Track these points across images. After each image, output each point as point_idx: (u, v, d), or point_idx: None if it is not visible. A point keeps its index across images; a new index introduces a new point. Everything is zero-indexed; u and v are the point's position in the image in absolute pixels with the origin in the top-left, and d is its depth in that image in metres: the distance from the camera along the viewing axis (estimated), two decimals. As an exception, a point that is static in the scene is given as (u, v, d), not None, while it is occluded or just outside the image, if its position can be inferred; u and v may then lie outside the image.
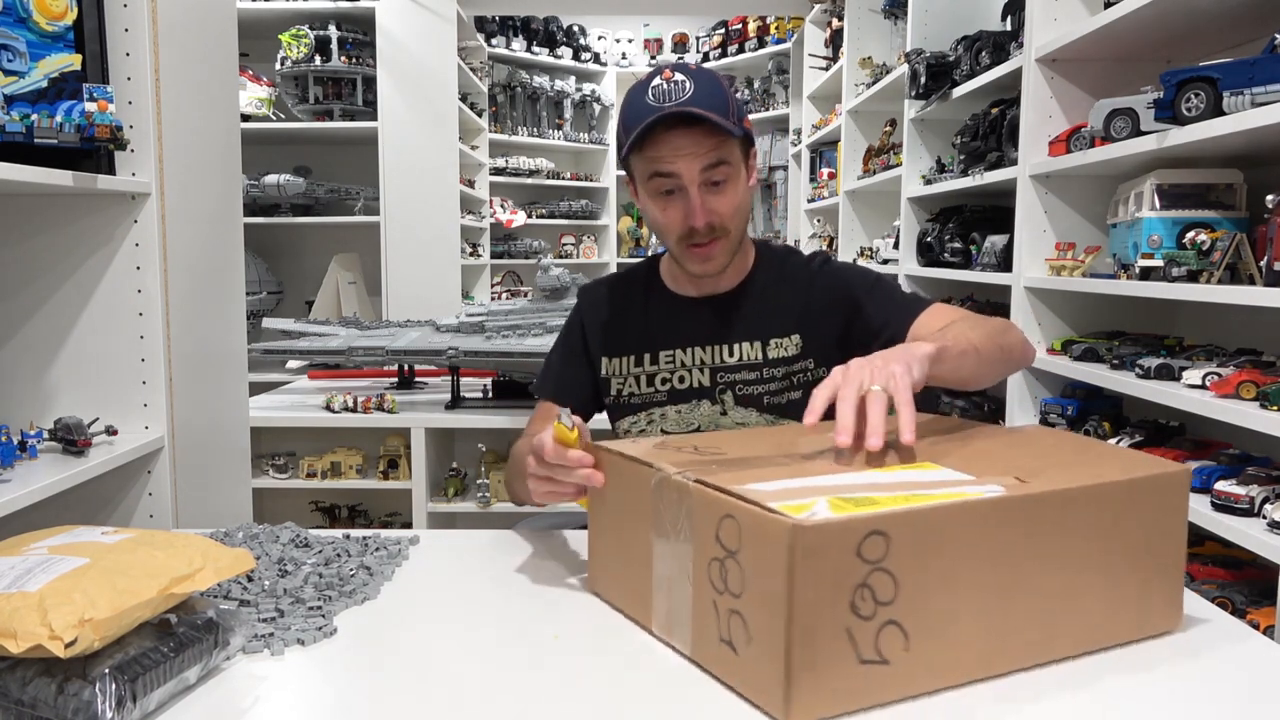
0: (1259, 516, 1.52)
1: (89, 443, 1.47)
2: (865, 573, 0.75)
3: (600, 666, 0.88)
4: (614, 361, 1.43)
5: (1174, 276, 1.74)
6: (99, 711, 0.73)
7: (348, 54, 3.99)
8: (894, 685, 0.78)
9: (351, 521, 2.76)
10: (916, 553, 0.77)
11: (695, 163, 1.26)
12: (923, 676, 0.79)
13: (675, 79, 1.26)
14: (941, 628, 0.79)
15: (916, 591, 0.77)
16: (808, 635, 0.73)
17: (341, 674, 0.89)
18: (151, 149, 1.58)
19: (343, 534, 1.24)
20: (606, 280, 1.55)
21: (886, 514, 0.75)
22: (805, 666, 0.74)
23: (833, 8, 4.62)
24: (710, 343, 1.39)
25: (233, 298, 1.95)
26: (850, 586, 0.74)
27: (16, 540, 0.91)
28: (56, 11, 1.42)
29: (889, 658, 0.77)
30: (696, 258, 1.33)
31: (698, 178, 1.27)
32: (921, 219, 3.32)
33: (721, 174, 1.28)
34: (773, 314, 1.38)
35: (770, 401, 1.37)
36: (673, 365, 1.40)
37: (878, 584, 0.75)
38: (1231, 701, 0.82)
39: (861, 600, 0.75)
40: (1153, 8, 1.80)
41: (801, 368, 1.37)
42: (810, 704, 0.75)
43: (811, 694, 0.74)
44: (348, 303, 3.87)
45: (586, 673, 0.87)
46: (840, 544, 0.74)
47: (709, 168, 1.27)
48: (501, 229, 5.86)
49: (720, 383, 1.38)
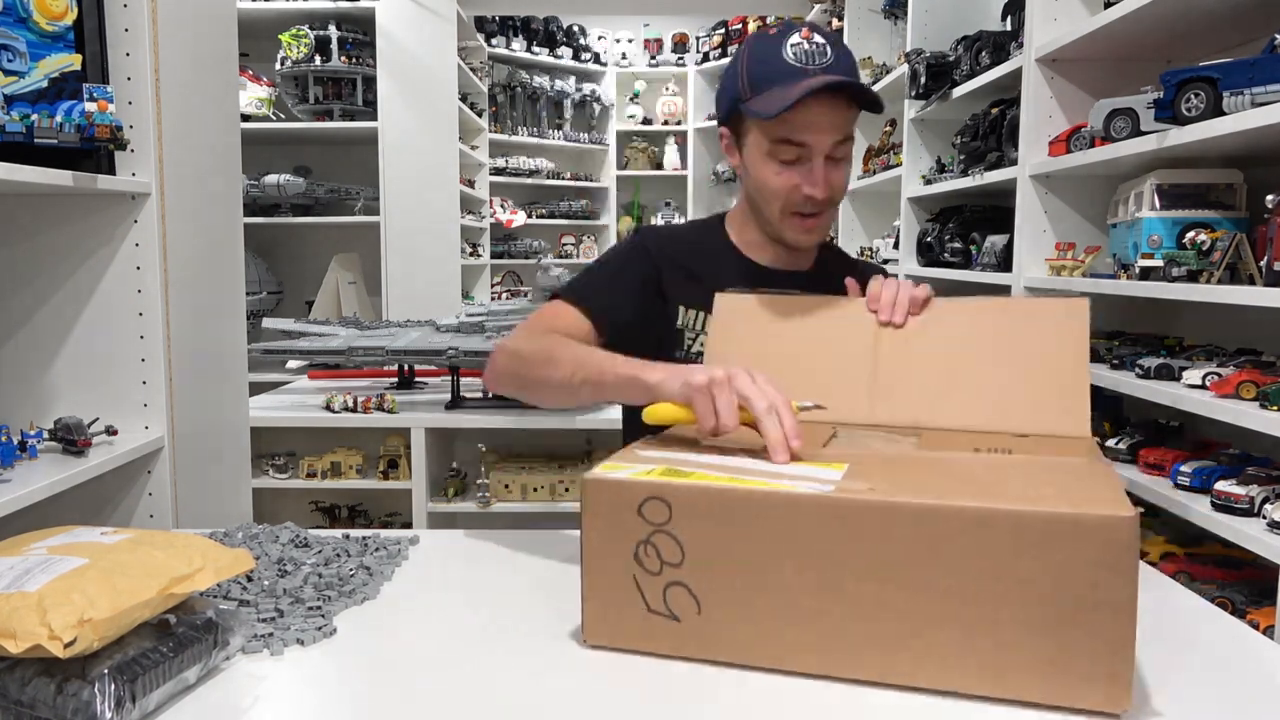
0: (1259, 516, 1.51)
1: (89, 443, 1.47)
2: (648, 532, 0.85)
3: (601, 666, 0.88)
4: (691, 314, 1.35)
5: (1174, 276, 1.74)
6: (98, 712, 0.73)
7: (348, 54, 3.99)
8: (690, 642, 0.86)
9: (351, 521, 2.76)
10: (701, 525, 0.83)
11: (831, 135, 1.22)
12: (726, 645, 0.85)
13: (815, 40, 1.21)
14: (738, 605, 0.83)
15: (703, 561, 0.84)
16: (595, 572, 0.88)
17: (341, 674, 0.89)
18: (151, 149, 1.58)
19: (342, 534, 1.24)
20: (668, 227, 1.48)
21: (666, 483, 0.85)
22: (595, 597, 0.89)
23: (833, 8, 4.62)
24: None
25: (233, 298, 1.95)
26: (633, 540, 0.86)
27: (16, 540, 0.91)
28: (56, 11, 1.42)
29: (679, 615, 0.85)
30: (801, 228, 1.29)
31: (827, 150, 1.23)
32: (921, 219, 3.32)
33: (845, 150, 1.26)
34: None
35: None
36: None
37: (663, 545, 0.85)
38: (1231, 702, 0.82)
39: (646, 555, 0.85)
40: (1153, 8, 1.80)
41: None
42: (599, 630, 0.89)
43: (601, 622, 0.89)
44: (348, 303, 3.87)
45: (586, 673, 0.87)
46: (620, 500, 0.86)
47: (839, 143, 1.24)
48: (501, 229, 5.86)
49: None
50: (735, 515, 0.83)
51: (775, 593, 0.82)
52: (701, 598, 0.84)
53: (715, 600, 0.84)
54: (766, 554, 0.82)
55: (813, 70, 1.20)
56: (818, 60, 1.20)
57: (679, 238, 1.44)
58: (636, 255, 1.39)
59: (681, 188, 6.46)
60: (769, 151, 1.26)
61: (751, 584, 0.83)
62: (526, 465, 2.65)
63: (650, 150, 6.52)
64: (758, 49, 1.24)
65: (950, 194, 2.99)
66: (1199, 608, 1.04)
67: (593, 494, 0.88)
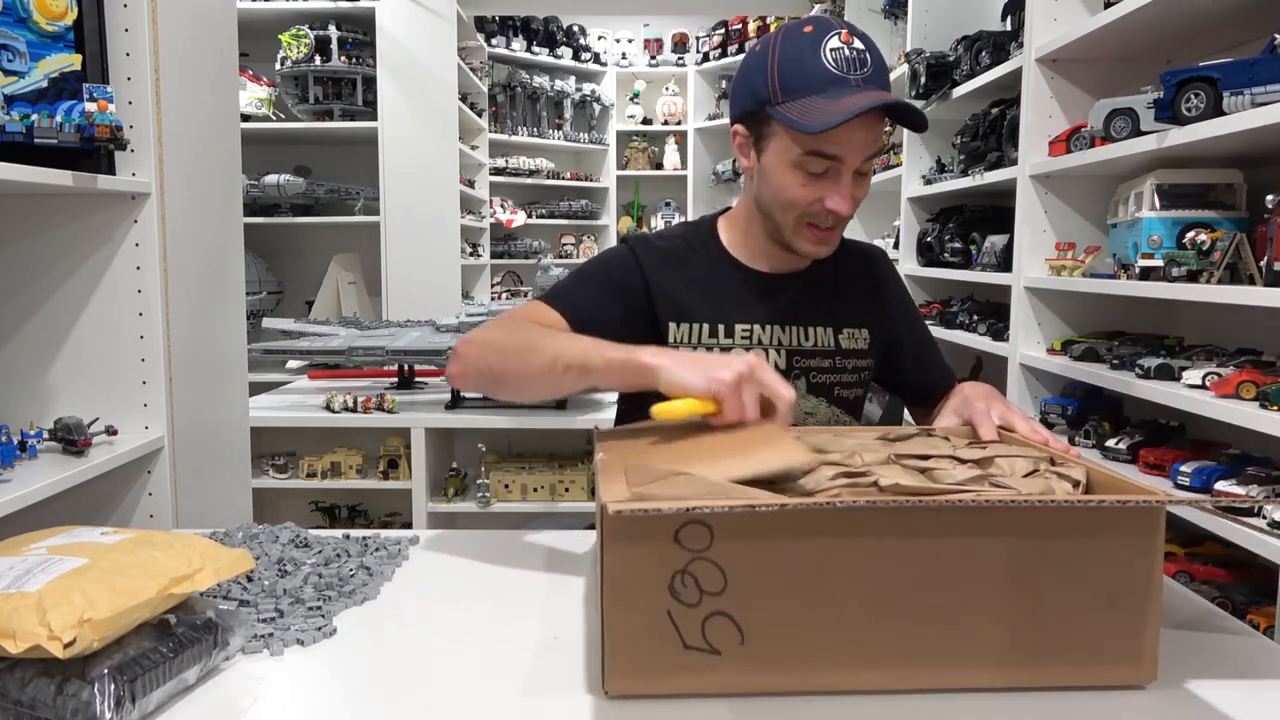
0: (1259, 516, 1.52)
1: (89, 443, 1.47)
2: (686, 560, 0.77)
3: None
4: (684, 328, 1.30)
5: (1174, 276, 1.74)
6: (98, 712, 0.73)
7: (348, 54, 3.99)
8: (731, 677, 0.79)
9: (351, 521, 2.76)
10: (747, 546, 0.77)
11: (866, 151, 1.18)
12: (771, 674, 0.79)
13: (855, 47, 1.15)
14: (785, 628, 0.79)
15: (747, 586, 0.78)
16: (620, 613, 0.78)
17: (341, 674, 0.89)
18: (151, 149, 1.58)
19: (343, 534, 1.24)
20: (658, 238, 1.38)
21: (707, 505, 0.75)
22: (619, 641, 0.78)
23: (832, 8, 4.62)
24: (786, 322, 1.31)
25: (233, 298, 1.95)
26: (668, 571, 0.77)
27: (16, 540, 0.91)
28: (56, 11, 1.42)
29: (720, 648, 0.78)
30: (816, 239, 1.25)
31: (858, 165, 1.19)
32: (921, 219, 3.32)
33: (872, 164, 1.22)
34: (846, 303, 1.35)
35: (840, 394, 1.32)
36: (749, 341, 1.30)
37: (702, 573, 0.77)
38: (1232, 702, 0.82)
39: (683, 586, 0.77)
40: (1153, 8, 1.80)
41: (867, 364, 1.34)
42: (624, 679, 0.79)
43: (627, 670, 0.79)
44: (348, 303, 3.87)
45: (586, 673, 0.87)
46: (654, 529, 0.76)
47: (869, 158, 1.20)
48: (501, 229, 5.86)
49: (796, 367, 1.30)
50: (785, 531, 0.78)
51: (825, 610, 0.79)
52: (745, 625, 0.78)
53: (761, 627, 0.78)
54: (817, 570, 0.78)
55: (854, 79, 1.14)
56: (858, 69, 1.14)
57: (670, 249, 1.36)
58: (624, 266, 1.33)
59: (681, 188, 6.45)
60: (796, 162, 1.19)
61: (801, 603, 0.78)
62: (526, 465, 2.65)
63: (650, 150, 6.53)
64: (791, 49, 1.17)
65: (950, 194, 2.99)
66: (1199, 608, 1.04)
67: (619, 526, 0.77)
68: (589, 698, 0.82)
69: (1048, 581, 0.79)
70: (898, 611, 0.79)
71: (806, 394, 1.31)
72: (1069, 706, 0.79)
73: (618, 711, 0.79)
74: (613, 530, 0.77)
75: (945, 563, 0.79)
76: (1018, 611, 0.79)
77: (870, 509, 0.78)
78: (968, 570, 0.79)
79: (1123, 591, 0.79)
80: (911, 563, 0.79)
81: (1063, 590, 0.79)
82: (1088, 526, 0.79)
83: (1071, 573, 0.79)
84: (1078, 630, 0.80)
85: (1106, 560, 0.79)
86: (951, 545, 0.79)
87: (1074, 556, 0.79)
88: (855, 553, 0.78)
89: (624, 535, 0.77)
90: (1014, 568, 0.79)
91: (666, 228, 1.46)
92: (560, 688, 0.84)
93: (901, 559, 0.79)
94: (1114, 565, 0.79)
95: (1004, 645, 0.80)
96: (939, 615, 0.79)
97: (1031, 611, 0.79)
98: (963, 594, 0.79)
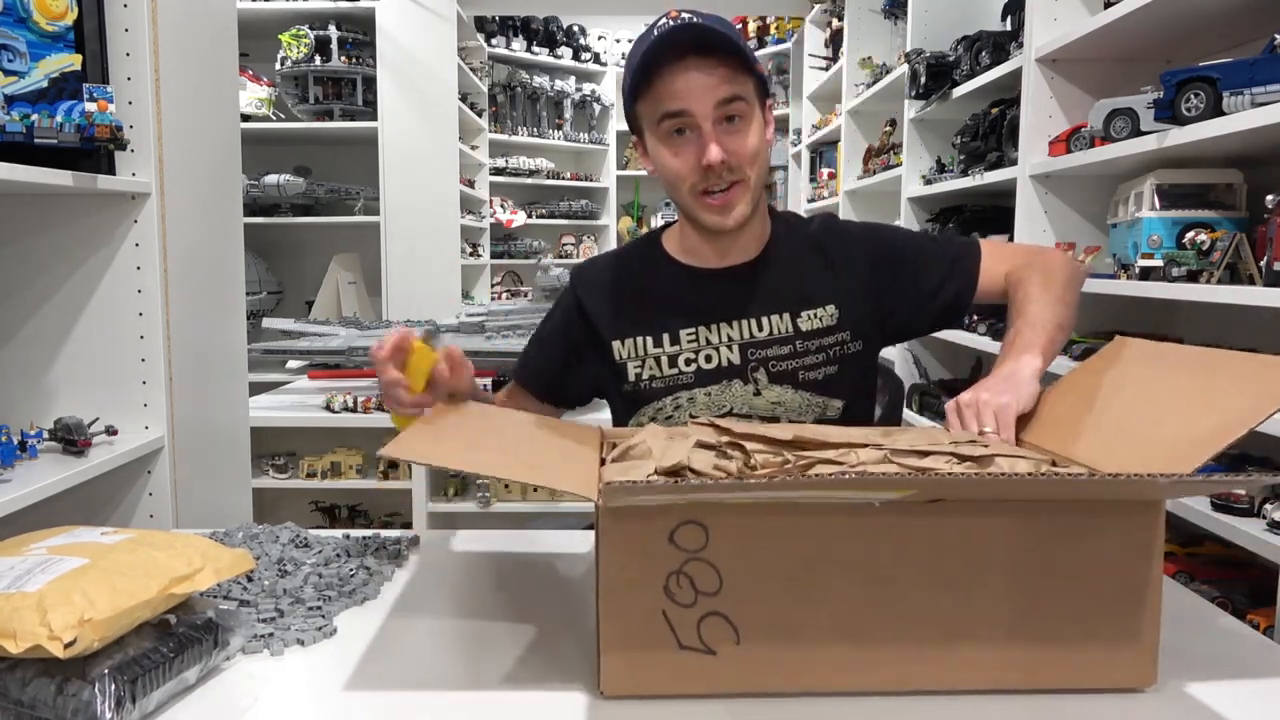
0: (1259, 516, 1.52)
1: (89, 443, 1.47)
2: (681, 560, 0.78)
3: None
4: (628, 344, 1.30)
5: (1174, 276, 1.74)
6: (98, 712, 0.73)
7: (348, 54, 3.99)
8: (726, 677, 0.79)
9: (351, 521, 2.76)
10: (742, 545, 0.78)
11: (709, 96, 1.16)
12: (766, 673, 0.79)
13: (682, 16, 1.16)
14: (781, 627, 0.79)
15: (743, 585, 0.78)
16: (615, 614, 0.78)
17: (341, 674, 0.89)
18: (151, 149, 1.58)
19: (343, 534, 1.24)
20: (600, 259, 1.41)
21: (703, 502, 0.76)
22: (615, 642, 0.79)
23: (833, 8, 4.62)
24: (736, 317, 1.28)
25: (233, 298, 1.95)
26: (663, 573, 0.78)
27: (16, 540, 0.91)
28: (56, 11, 1.42)
29: (715, 648, 0.79)
30: (713, 208, 1.21)
31: (711, 114, 1.16)
32: (921, 219, 3.32)
33: (737, 110, 1.17)
34: (802, 283, 1.30)
35: (805, 377, 1.27)
36: (696, 344, 1.28)
37: (697, 573, 0.78)
38: (1232, 702, 0.82)
39: (678, 587, 0.78)
40: (1153, 8, 1.80)
41: (837, 340, 1.28)
42: (620, 679, 0.79)
43: (622, 671, 0.79)
44: (348, 303, 3.87)
45: (583, 673, 0.87)
46: (648, 530, 0.77)
47: (724, 103, 1.16)
48: (501, 229, 5.86)
49: (751, 359, 1.27)
50: (781, 529, 0.78)
51: (822, 607, 0.79)
52: (741, 625, 0.78)
53: (756, 626, 0.79)
54: (813, 568, 0.78)
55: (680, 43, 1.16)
56: (684, 35, 1.15)
57: (610, 264, 1.38)
58: (565, 303, 1.38)
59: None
60: (660, 137, 1.20)
61: (796, 603, 0.79)
62: (526, 465, 2.65)
63: (650, 150, 6.52)
64: (635, 44, 1.23)
65: (950, 194, 2.99)
66: (1199, 608, 1.04)
67: (614, 527, 0.78)
68: (585, 698, 0.82)
69: (1046, 582, 0.79)
70: (894, 612, 0.79)
71: (769, 384, 1.27)
72: (1069, 707, 0.79)
73: (613, 712, 0.79)
74: (609, 531, 0.78)
75: (943, 563, 0.79)
76: (1016, 612, 0.79)
77: (869, 509, 0.78)
78: (965, 571, 0.79)
79: (1122, 592, 0.79)
80: (910, 564, 0.79)
81: (1062, 590, 0.79)
82: (1088, 526, 0.79)
83: (1071, 572, 0.79)
84: (1077, 630, 0.80)
85: (1106, 560, 0.79)
86: (949, 545, 0.79)
87: (1073, 556, 0.79)
88: (852, 553, 0.78)
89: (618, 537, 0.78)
90: (1012, 569, 0.79)
91: (620, 245, 1.48)
92: (557, 688, 0.84)
93: (899, 560, 0.79)
94: (1113, 565, 0.79)
95: (1002, 646, 0.80)
96: (936, 616, 0.79)
97: (1030, 612, 0.79)
98: (960, 594, 0.79)
